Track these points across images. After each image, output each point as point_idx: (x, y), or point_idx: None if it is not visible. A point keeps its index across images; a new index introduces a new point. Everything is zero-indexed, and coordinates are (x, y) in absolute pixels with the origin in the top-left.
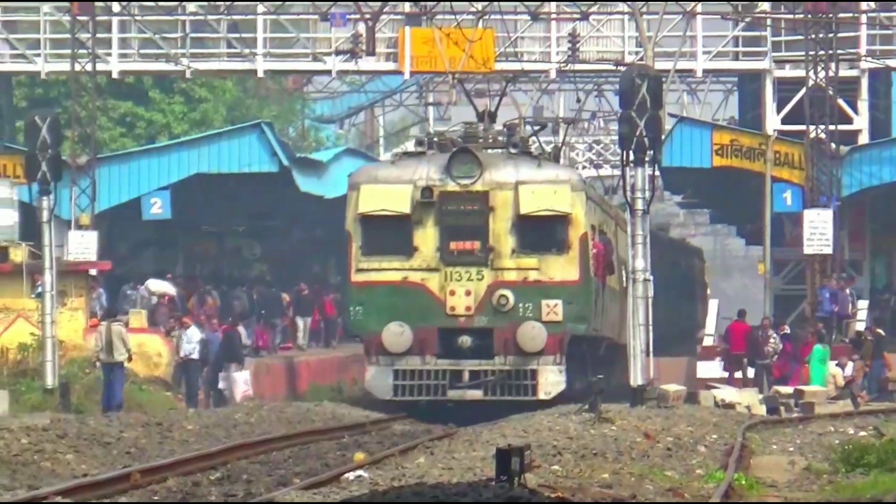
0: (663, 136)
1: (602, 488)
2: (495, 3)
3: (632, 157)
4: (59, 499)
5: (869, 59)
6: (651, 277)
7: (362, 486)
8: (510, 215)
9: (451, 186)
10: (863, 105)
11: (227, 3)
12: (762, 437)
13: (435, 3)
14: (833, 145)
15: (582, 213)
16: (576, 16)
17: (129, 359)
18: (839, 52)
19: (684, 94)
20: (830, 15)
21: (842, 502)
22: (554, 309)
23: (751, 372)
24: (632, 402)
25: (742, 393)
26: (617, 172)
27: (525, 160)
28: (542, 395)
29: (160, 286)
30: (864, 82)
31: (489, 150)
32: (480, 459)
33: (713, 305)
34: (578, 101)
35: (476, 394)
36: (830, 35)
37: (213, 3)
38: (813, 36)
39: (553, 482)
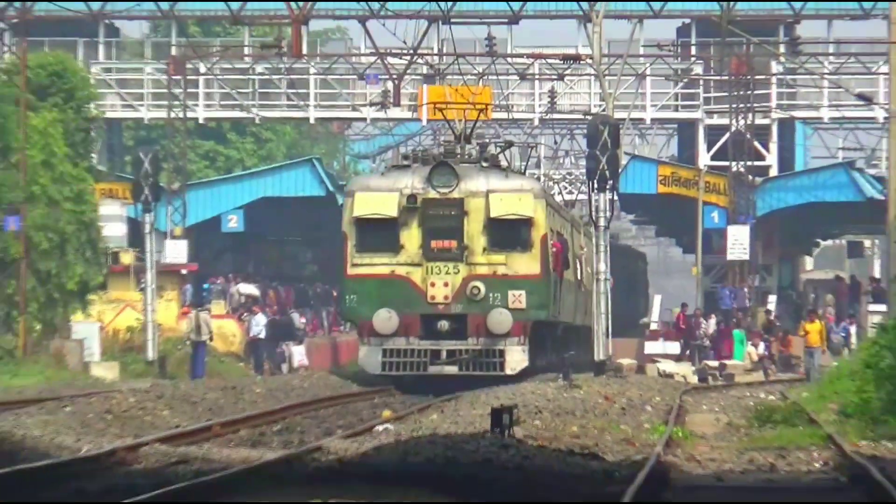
0: (620, 170)
1: (572, 438)
2: (492, 67)
3: (596, 185)
4: (157, 444)
5: (778, 111)
6: (610, 278)
7: (389, 436)
8: (482, 218)
9: (432, 194)
10: (773, 146)
11: (286, 65)
12: (695, 399)
13: (446, 66)
14: (750, 177)
15: (543, 217)
16: (554, 77)
17: (211, 339)
18: (755, 105)
19: (636, 137)
20: (748, 77)
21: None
22: (519, 298)
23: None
24: (595, 372)
25: (679, 365)
26: (584, 197)
27: (494, 172)
28: (508, 371)
29: (248, 289)
30: (774, 129)
31: (464, 164)
32: (479, 416)
33: (657, 300)
34: (555, 142)
35: (452, 369)
36: (748, 92)
37: (275, 66)
38: (735, 93)
39: (535, 433)
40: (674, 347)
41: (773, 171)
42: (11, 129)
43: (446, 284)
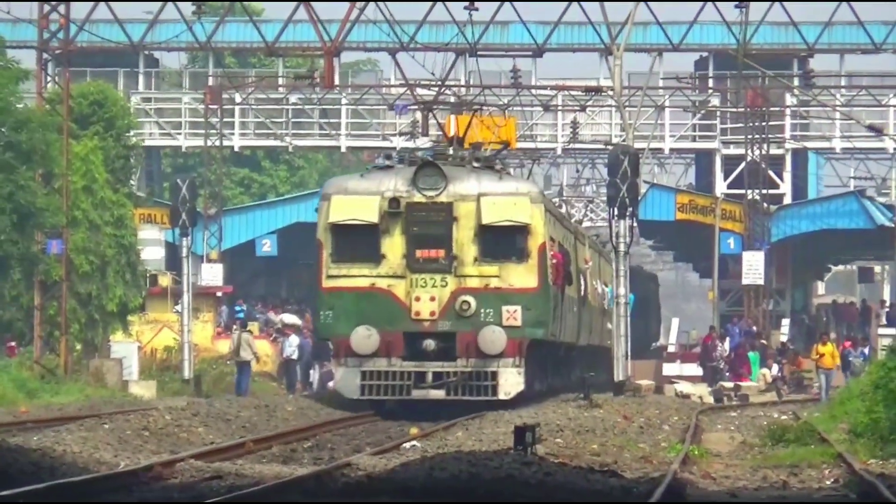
0: (639, 197)
1: (592, 456)
2: (517, 98)
3: (616, 212)
4: (192, 460)
5: (791, 141)
6: (630, 300)
7: (416, 453)
8: (473, 225)
9: (418, 197)
10: (787, 175)
11: (319, 96)
12: (710, 419)
13: (473, 97)
14: (764, 205)
15: (541, 223)
16: (576, 108)
17: (257, 360)
18: (770, 136)
19: (655, 166)
20: (763, 109)
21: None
22: (513, 314)
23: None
24: (614, 392)
25: (695, 386)
26: (604, 223)
27: (487, 173)
28: (501, 396)
29: (292, 319)
30: (788, 158)
31: (453, 165)
32: (503, 434)
33: (675, 322)
34: (577, 171)
35: (439, 394)
36: (763, 123)
37: (308, 96)
38: (750, 124)
39: (556, 451)
40: (691, 369)
41: (787, 199)
42: (54, 156)
43: (433, 299)
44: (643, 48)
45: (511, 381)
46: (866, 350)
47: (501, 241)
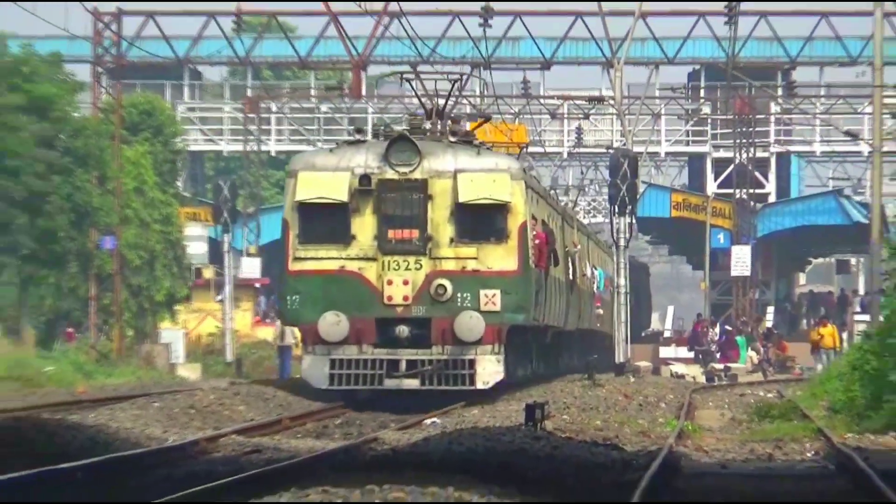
0: (638, 196)
1: (596, 431)
2: (527, 107)
3: (617, 210)
4: (234, 436)
5: (776, 145)
6: (629, 289)
7: (436, 428)
8: (449, 204)
9: (390, 174)
10: (771, 176)
11: (348, 105)
12: (702, 397)
13: (487, 106)
14: (751, 203)
15: (522, 201)
16: (580, 116)
17: (297, 345)
18: (756, 140)
19: (652, 168)
20: (750, 116)
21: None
22: (492, 299)
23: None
24: (615, 373)
25: (689, 367)
26: (606, 220)
27: (464, 149)
28: (479, 385)
29: None
30: (773, 161)
31: (429, 140)
32: (515, 411)
33: (670, 310)
34: (582, 172)
35: (413, 383)
36: (750, 129)
37: (338, 105)
38: (738, 130)
39: (563, 427)
40: (685, 352)
41: (772, 198)
42: (108, 161)
43: (406, 283)
44: (641, 61)
45: (490, 369)
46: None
47: (479, 221)
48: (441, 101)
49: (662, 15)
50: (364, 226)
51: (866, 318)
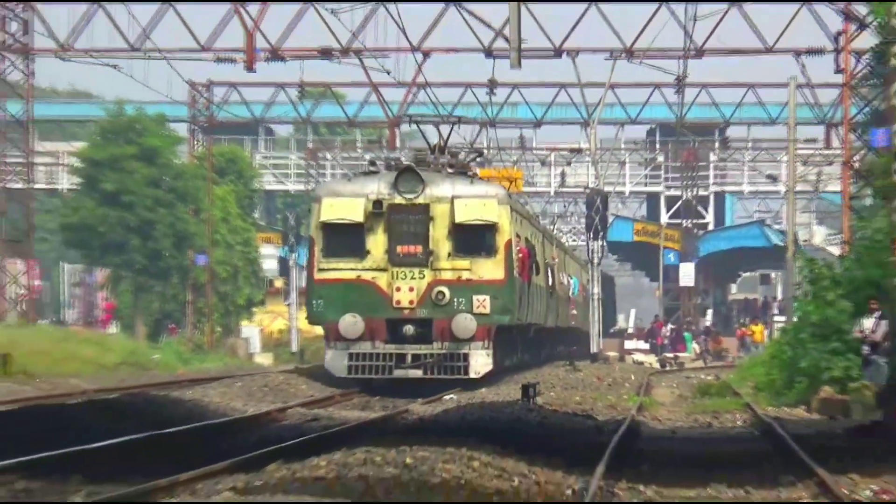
0: (608, 225)
1: (576, 405)
2: (522, 156)
3: (592, 235)
4: (298, 408)
5: (713, 186)
6: (601, 296)
7: (453, 403)
8: (447, 224)
9: (398, 199)
10: (710, 210)
11: (386, 155)
12: (657, 379)
13: (493, 155)
14: (695, 230)
15: (507, 222)
16: (564, 163)
17: None
18: (698, 182)
19: (619, 203)
20: (694, 163)
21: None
22: (483, 303)
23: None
24: (591, 360)
25: (647, 356)
26: (583, 243)
27: (460, 178)
28: (472, 375)
29: None
30: (711, 198)
31: (430, 171)
32: (514, 390)
33: (633, 313)
34: (565, 207)
35: (417, 373)
36: (694, 174)
37: (378, 155)
38: (685, 174)
39: (551, 401)
40: (644, 345)
41: (710, 227)
42: (201, 197)
43: (411, 289)
44: (610, 122)
45: (481, 361)
46: (766, 332)
47: (472, 238)
48: (440, 140)
49: (626, 86)
50: (377, 242)
51: (783, 318)
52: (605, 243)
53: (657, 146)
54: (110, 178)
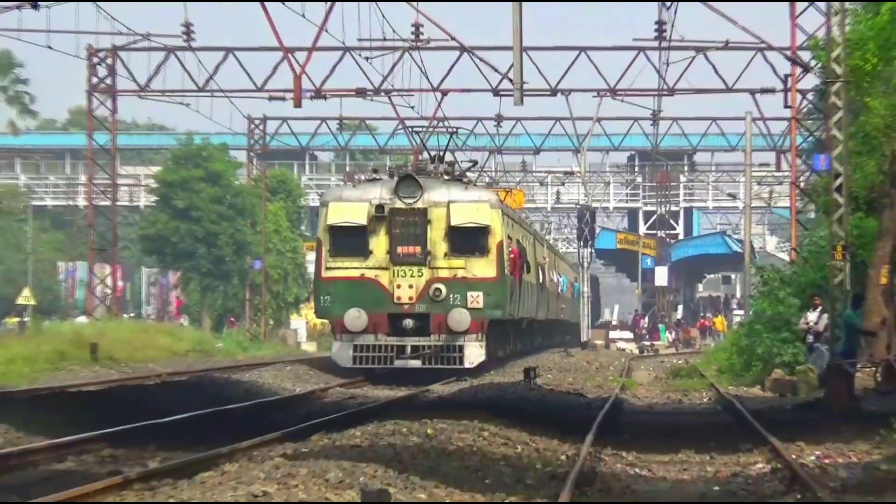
0: (596, 235)
1: (569, 385)
2: (524, 178)
3: (582, 244)
4: (338, 388)
5: (683, 202)
6: (589, 294)
7: (467, 383)
8: (444, 226)
9: (399, 204)
10: (680, 222)
11: None
12: (637, 363)
13: (500, 177)
14: (668, 240)
15: (499, 225)
16: (559, 183)
17: None
18: (670, 199)
19: (605, 217)
20: (667, 183)
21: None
22: (476, 299)
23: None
24: (581, 347)
25: (628, 344)
26: (575, 249)
27: (456, 184)
28: (467, 365)
29: None
30: (682, 213)
31: (428, 177)
32: (517, 372)
33: (616, 308)
34: (560, 220)
35: (416, 363)
36: (667, 192)
37: (391, 169)
38: (660, 192)
39: (548, 382)
40: (626, 335)
41: (681, 236)
42: (257, 212)
43: (411, 286)
44: (597, 149)
45: (474, 353)
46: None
47: (467, 239)
48: (438, 151)
49: (610, 119)
50: (379, 243)
51: (741, 312)
52: (593, 250)
53: (636, 169)
54: (181, 196)
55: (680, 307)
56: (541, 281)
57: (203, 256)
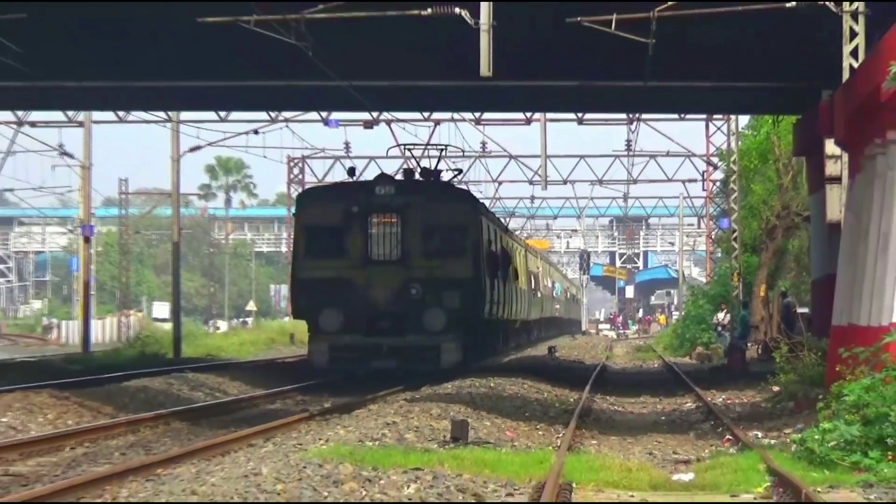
0: (590, 267)
1: (576, 357)
2: (548, 233)
3: (581, 272)
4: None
5: (642, 248)
6: (584, 300)
7: (514, 357)
8: (420, 227)
9: (375, 204)
10: (641, 260)
11: None
12: (615, 343)
13: (534, 231)
14: (634, 270)
15: (475, 226)
16: (568, 237)
17: None
18: (635, 245)
19: (594, 256)
20: (634, 237)
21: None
22: (451, 298)
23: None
24: (582, 334)
25: (611, 331)
26: (575, 276)
27: (432, 185)
28: (443, 365)
29: None
30: (642, 254)
31: (405, 179)
32: (544, 349)
33: (602, 310)
34: (569, 259)
35: (392, 363)
36: (634, 242)
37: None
38: (629, 244)
39: (563, 355)
40: (608, 327)
41: (641, 268)
42: None
43: (386, 286)
44: (591, 216)
45: (450, 353)
46: (672, 320)
47: (443, 240)
48: (418, 152)
49: (598, 198)
50: (355, 243)
51: (677, 313)
52: (588, 276)
53: (614, 228)
54: None
55: (641, 310)
56: (533, 287)
57: None
